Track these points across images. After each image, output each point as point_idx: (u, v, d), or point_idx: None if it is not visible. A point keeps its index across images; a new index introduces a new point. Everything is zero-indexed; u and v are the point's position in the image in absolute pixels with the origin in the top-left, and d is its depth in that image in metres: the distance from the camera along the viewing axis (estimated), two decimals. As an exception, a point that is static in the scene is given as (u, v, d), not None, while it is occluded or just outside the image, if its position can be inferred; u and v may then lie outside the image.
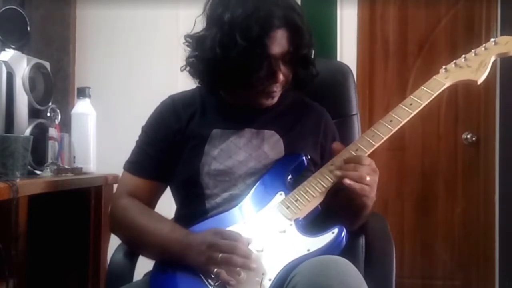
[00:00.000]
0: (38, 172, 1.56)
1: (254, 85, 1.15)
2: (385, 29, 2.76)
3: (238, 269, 0.98)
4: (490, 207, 2.65)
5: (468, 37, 2.66)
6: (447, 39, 2.69)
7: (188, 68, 1.24)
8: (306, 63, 1.21)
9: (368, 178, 1.04)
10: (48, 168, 1.66)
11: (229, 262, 0.98)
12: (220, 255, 0.99)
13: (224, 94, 1.27)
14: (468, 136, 2.68)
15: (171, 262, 1.07)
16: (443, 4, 2.70)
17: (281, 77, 1.16)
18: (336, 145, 1.15)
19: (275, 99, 1.23)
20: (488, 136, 2.67)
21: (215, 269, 0.98)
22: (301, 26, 1.14)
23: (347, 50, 2.65)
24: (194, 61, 1.20)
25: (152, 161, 1.23)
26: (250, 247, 1.02)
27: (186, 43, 1.24)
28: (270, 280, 0.97)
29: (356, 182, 1.04)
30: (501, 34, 1.21)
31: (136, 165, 1.25)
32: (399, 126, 1.12)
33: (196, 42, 1.20)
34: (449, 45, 2.68)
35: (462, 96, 2.66)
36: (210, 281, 1.00)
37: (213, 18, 1.16)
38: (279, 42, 1.12)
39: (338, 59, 2.57)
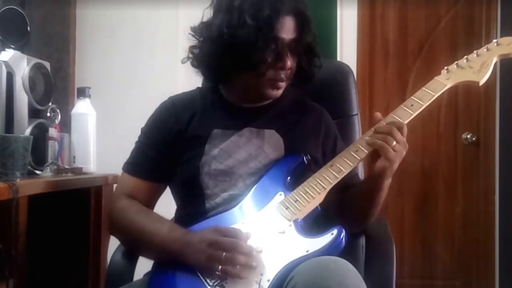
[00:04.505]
0: (38, 172, 1.56)
1: (262, 70, 1.15)
2: (385, 29, 2.75)
3: (238, 267, 0.98)
4: (490, 207, 2.65)
5: (468, 37, 2.66)
6: (447, 39, 2.69)
7: (191, 60, 1.25)
8: (311, 53, 1.23)
9: (394, 143, 1.05)
10: (48, 168, 1.66)
11: (232, 261, 0.98)
12: (223, 254, 0.99)
13: (225, 92, 1.27)
14: (468, 136, 2.68)
15: (169, 262, 1.07)
16: (443, 4, 2.70)
17: (288, 63, 1.17)
18: (377, 114, 1.14)
19: (280, 91, 1.23)
20: (488, 136, 2.67)
21: (220, 267, 0.98)
22: (307, 14, 1.17)
23: (347, 50, 2.65)
24: (201, 46, 1.21)
25: (151, 163, 1.23)
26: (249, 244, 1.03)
27: (191, 34, 1.24)
28: (268, 280, 0.97)
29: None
30: (501, 34, 1.21)
31: (135, 166, 1.25)
32: None
33: (203, 28, 1.21)
34: (449, 45, 2.68)
35: (462, 96, 2.66)
36: (208, 280, 1.00)
37: (222, 6, 1.17)
38: (287, 28, 1.15)
39: (338, 59, 2.57)
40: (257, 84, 1.20)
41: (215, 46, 1.16)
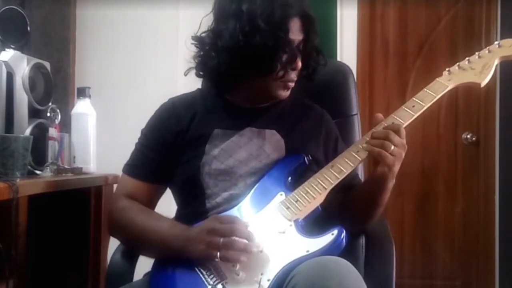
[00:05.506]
0: (38, 172, 1.56)
1: (277, 73, 1.16)
2: (385, 29, 2.75)
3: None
4: (490, 207, 2.65)
5: (468, 37, 2.66)
6: (447, 39, 2.69)
7: (195, 71, 1.25)
8: (317, 51, 1.25)
9: (392, 147, 1.05)
10: (48, 168, 1.66)
11: (230, 245, 0.99)
12: (221, 239, 0.99)
13: (228, 94, 1.27)
14: (468, 136, 2.68)
15: (170, 261, 1.07)
16: (443, 4, 2.70)
17: (299, 64, 1.19)
18: (378, 115, 1.14)
19: (289, 92, 1.24)
20: (488, 136, 2.67)
21: (218, 253, 0.99)
22: (312, 15, 1.19)
23: (347, 50, 2.65)
24: (212, 55, 1.20)
25: (151, 164, 1.23)
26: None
27: (195, 43, 1.24)
28: (269, 280, 0.97)
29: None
30: (501, 35, 1.21)
31: (135, 168, 1.25)
32: None
33: (209, 36, 1.21)
34: (449, 45, 2.68)
35: (462, 96, 2.66)
36: (209, 280, 1.00)
37: (228, 12, 1.16)
38: (296, 30, 1.17)
39: (338, 59, 2.57)
40: (268, 86, 1.21)
41: (230, 54, 1.15)
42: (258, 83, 1.20)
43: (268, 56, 1.13)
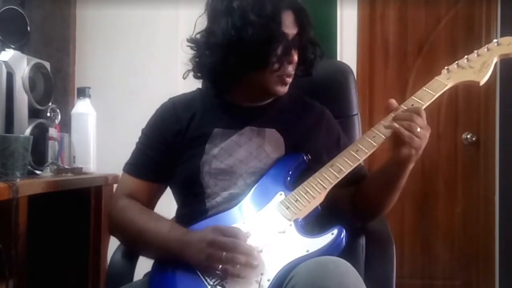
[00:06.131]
0: (38, 172, 1.56)
1: (273, 66, 1.16)
2: (385, 29, 2.75)
3: (238, 266, 0.98)
4: (490, 207, 2.65)
5: (468, 37, 2.66)
6: (447, 39, 2.69)
7: (192, 72, 1.25)
8: (313, 44, 1.24)
9: (418, 130, 1.05)
10: (48, 168, 1.66)
11: (233, 261, 0.98)
12: (224, 254, 0.99)
13: (227, 93, 1.27)
14: (468, 136, 2.68)
15: (169, 261, 1.07)
16: (443, 4, 2.70)
17: (295, 57, 1.18)
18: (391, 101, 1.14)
19: (287, 87, 1.24)
20: (488, 136, 2.67)
21: (220, 266, 0.98)
22: (305, 8, 1.18)
23: (347, 50, 2.65)
24: (205, 55, 1.19)
25: (152, 163, 1.24)
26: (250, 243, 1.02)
27: (190, 45, 1.24)
28: (268, 280, 0.97)
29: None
30: (501, 34, 1.21)
31: (135, 167, 1.25)
32: None
33: (204, 36, 1.21)
34: (449, 45, 2.68)
35: (462, 96, 2.66)
36: (208, 280, 1.00)
37: (220, 10, 1.16)
38: (289, 23, 1.16)
39: (338, 59, 2.57)
40: (266, 81, 1.20)
41: (224, 51, 1.15)
42: (255, 79, 1.20)
43: (262, 49, 1.13)
